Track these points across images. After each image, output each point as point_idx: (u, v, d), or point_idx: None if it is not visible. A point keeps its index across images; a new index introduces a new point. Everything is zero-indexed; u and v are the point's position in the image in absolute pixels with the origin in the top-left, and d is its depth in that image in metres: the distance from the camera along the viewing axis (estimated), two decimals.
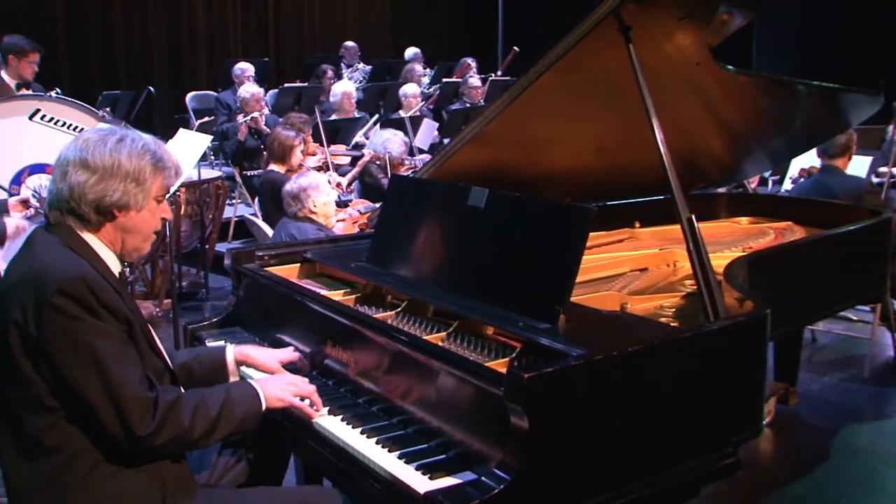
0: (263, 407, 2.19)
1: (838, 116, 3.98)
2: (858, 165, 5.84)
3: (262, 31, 12.81)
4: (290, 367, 2.56)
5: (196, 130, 8.05)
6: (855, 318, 5.56)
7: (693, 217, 2.48)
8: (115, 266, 2.12)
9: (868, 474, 3.88)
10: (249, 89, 7.88)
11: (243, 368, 2.52)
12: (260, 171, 6.79)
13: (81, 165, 2.02)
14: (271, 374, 2.45)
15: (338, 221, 5.20)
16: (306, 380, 2.37)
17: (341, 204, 6.38)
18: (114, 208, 2.05)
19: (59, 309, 1.90)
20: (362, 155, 6.71)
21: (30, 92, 6.09)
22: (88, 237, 2.07)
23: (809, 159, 5.46)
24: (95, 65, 11.02)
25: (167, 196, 2.20)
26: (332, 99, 8.61)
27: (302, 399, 2.28)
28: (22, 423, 1.97)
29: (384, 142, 6.37)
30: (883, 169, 6.60)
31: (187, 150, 5.00)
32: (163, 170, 2.12)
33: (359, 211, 5.78)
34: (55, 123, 5.20)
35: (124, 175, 2.04)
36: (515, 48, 11.35)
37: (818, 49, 12.02)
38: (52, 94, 5.96)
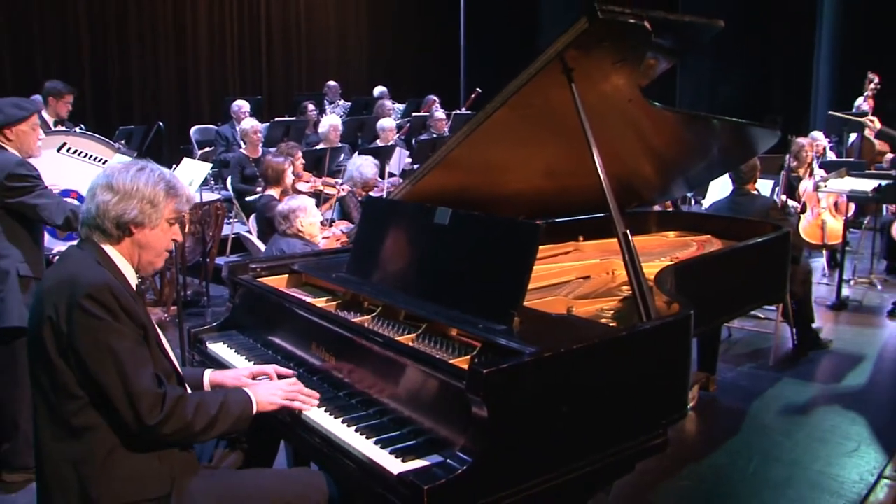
0: (255, 410, 2.18)
1: (746, 146, 4.01)
2: (763, 187, 5.92)
3: (256, 73, 12.79)
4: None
5: (198, 159, 7.97)
6: (762, 316, 5.61)
7: (628, 231, 2.47)
8: (132, 279, 2.17)
9: (771, 446, 3.90)
10: (250, 122, 7.85)
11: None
12: (257, 195, 6.71)
13: (107, 188, 2.11)
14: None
15: (323, 238, 5.15)
16: (292, 381, 2.35)
17: (328, 223, 6.34)
18: (131, 224, 2.11)
19: (87, 311, 1.95)
20: (346, 188, 6.67)
21: (62, 128, 6.10)
22: (110, 250, 2.13)
23: (725, 183, 5.51)
24: (113, 104, 11.01)
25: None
26: (321, 130, 8.57)
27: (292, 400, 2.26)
28: (54, 408, 2.00)
29: (359, 167, 6.33)
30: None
31: (191, 176, 4.99)
32: (175, 196, 2.18)
33: (341, 230, 5.75)
34: (79, 155, 5.19)
35: (141, 197, 2.11)
36: (479, 89, 11.41)
37: (729, 89, 12.19)
38: (77, 129, 5.99)
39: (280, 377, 2.41)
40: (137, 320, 2.02)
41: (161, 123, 6.76)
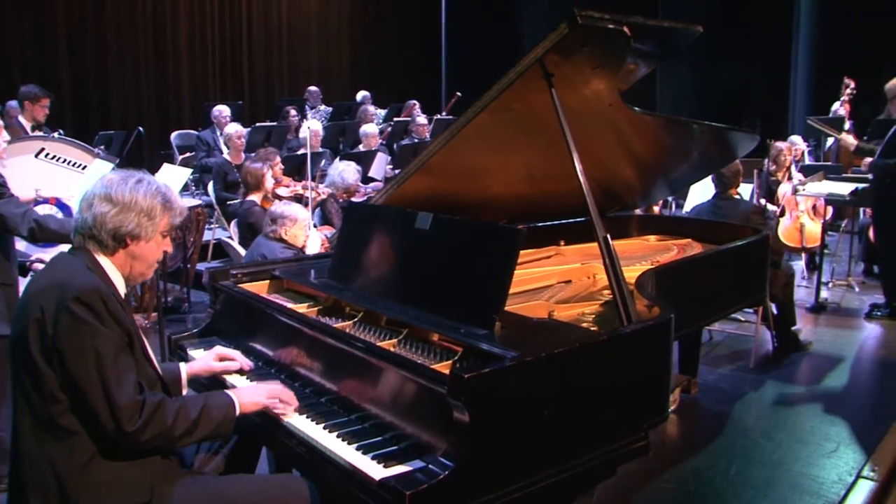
0: (237, 412, 2.19)
1: (726, 150, 4.04)
2: (742, 191, 5.96)
3: (237, 78, 12.74)
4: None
5: (179, 165, 7.93)
6: (743, 318, 5.65)
7: (608, 236, 2.48)
8: (121, 288, 2.17)
9: (752, 448, 3.92)
10: (234, 128, 7.81)
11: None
12: (239, 200, 6.68)
13: (105, 199, 2.12)
14: (212, 373, 2.56)
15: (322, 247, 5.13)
16: (276, 383, 2.36)
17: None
18: (127, 237, 2.13)
19: (74, 313, 1.95)
20: (326, 191, 6.65)
21: (40, 133, 6.03)
22: (103, 260, 2.14)
23: (706, 187, 5.54)
24: (93, 108, 10.94)
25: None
26: (301, 136, 8.54)
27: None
28: (36, 409, 1.99)
29: (340, 172, 6.32)
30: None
31: (171, 181, 4.94)
32: (170, 209, 2.20)
33: (325, 236, 5.72)
34: (57, 160, 5.14)
35: (139, 210, 2.13)
36: (458, 93, 11.40)
37: (709, 94, 12.30)
38: (56, 134, 5.94)
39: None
40: (124, 326, 2.03)
41: (141, 128, 6.72)
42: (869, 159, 6.04)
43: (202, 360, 2.58)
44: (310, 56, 13.80)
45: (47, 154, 5.10)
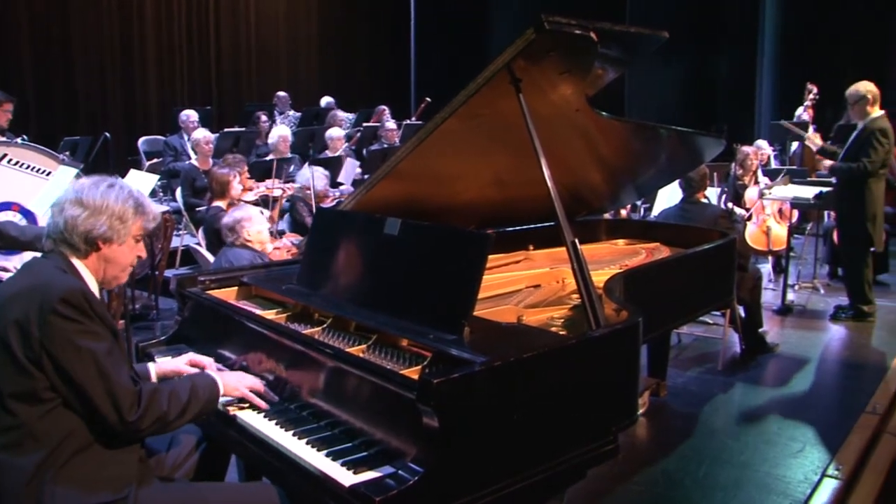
0: (221, 392, 2.27)
1: (693, 154, 4.09)
2: (709, 195, 6.04)
3: (205, 82, 12.63)
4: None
5: (146, 171, 7.84)
6: (711, 321, 5.70)
7: (576, 240, 2.50)
8: (96, 291, 2.17)
9: (721, 449, 3.96)
10: (202, 133, 7.73)
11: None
12: (205, 207, 6.62)
13: (76, 203, 2.13)
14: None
15: (274, 249, 5.09)
16: (257, 379, 2.41)
17: (278, 234, 6.28)
18: (99, 240, 2.14)
19: (62, 314, 1.96)
20: (292, 187, 6.63)
21: (3, 139, 5.91)
22: (77, 263, 2.15)
23: (674, 191, 5.60)
24: (58, 113, 10.73)
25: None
26: (270, 141, 8.49)
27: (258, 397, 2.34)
28: (12, 415, 1.98)
29: (308, 179, 6.29)
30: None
31: (138, 188, 4.88)
32: (143, 214, 2.22)
33: (292, 242, 5.70)
34: (21, 166, 5.05)
35: (111, 213, 2.14)
36: (428, 98, 11.41)
37: (676, 99, 12.45)
38: (19, 140, 5.82)
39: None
40: (108, 324, 2.07)
41: (108, 134, 6.65)
42: (829, 162, 6.14)
43: (174, 361, 2.59)
44: (278, 61, 13.73)
45: (10, 160, 5.01)
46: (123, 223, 2.16)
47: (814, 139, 6.35)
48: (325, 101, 11.54)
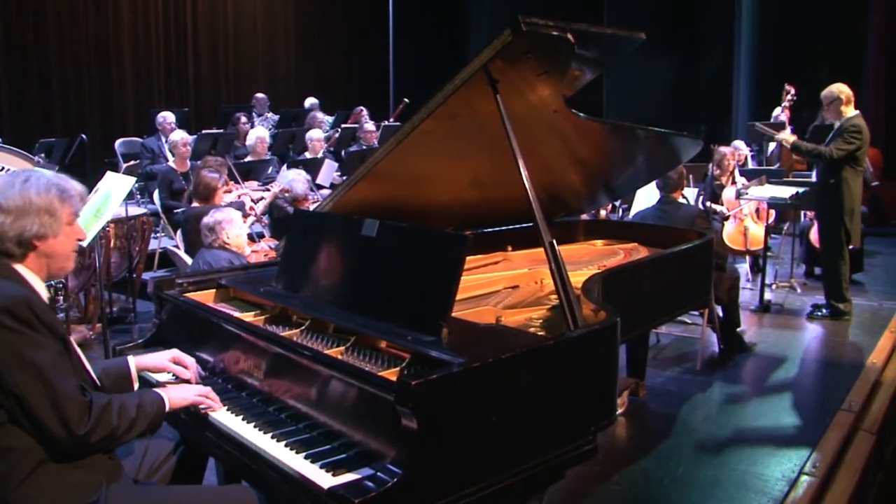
0: (167, 407, 2.22)
1: (670, 155, 4.12)
2: (688, 195, 6.08)
3: (182, 84, 12.53)
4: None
5: (124, 172, 7.77)
6: (689, 321, 5.74)
7: (554, 241, 2.50)
8: (43, 293, 2.12)
9: (699, 448, 3.99)
10: (180, 135, 7.69)
11: (144, 373, 2.53)
12: (183, 208, 6.58)
13: None
14: (165, 372, 2.54)
15: (252, 252, 5.07)
16: (200, 385, 2.41)
17: (257, 237, 6.26)
18: (34, 240, 2.06)
19: (5, 325, 1.90)
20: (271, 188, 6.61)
21: None
22: (18, 267, 2.07)
23: (652, 192, 5.63)
24: (33, 115, 10.59)
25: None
26: (248, 143, 8.46)
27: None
28: None
29: (290, 181, 6.27)
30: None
31: (115, 190, 4.82)
32: (69, 198, 2.12)
33: (270, 246, 5.67)
34: None
35: (37, 210, 2.05)
36: (406, 100, 11.40)
37: (653, 100, 12.53)
38: None
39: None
40: (56, 332, 1.99)
41: (84, 136, 6.58)
42: (792, 138, 6.25)
43: (156, 356, 2.53)
44: (256, 62, 13.65)
45: None
46: (52, 215, 2.06)
47: (786, 137, 6.41)
48: (309, 101, 11.48)
